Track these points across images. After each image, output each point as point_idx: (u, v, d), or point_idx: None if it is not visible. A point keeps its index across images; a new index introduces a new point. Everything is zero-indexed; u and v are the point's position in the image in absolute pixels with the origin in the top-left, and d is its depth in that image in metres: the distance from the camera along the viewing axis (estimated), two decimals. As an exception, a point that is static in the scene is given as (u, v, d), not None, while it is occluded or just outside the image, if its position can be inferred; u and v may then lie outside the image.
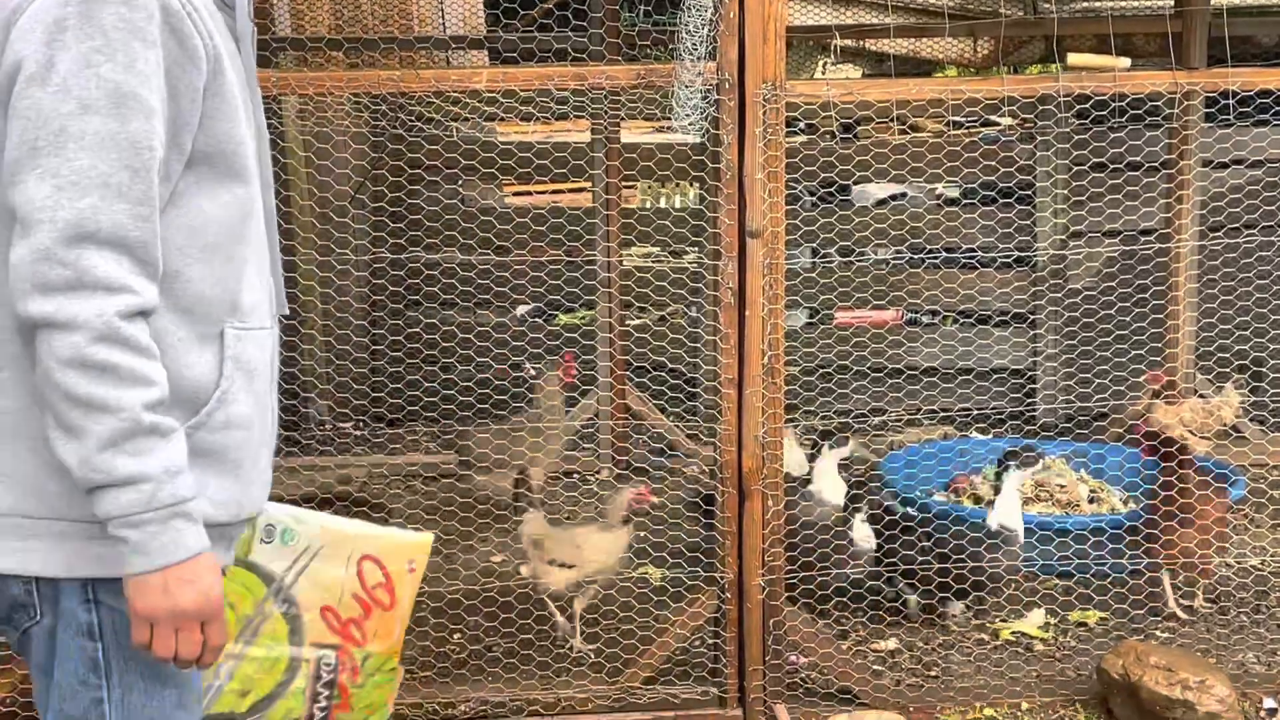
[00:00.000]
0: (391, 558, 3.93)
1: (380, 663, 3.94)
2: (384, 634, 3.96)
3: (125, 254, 2.31)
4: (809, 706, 4.71)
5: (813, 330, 8.13)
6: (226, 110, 2.47)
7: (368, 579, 3.90)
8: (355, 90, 4.61)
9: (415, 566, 3.96)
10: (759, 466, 4.54)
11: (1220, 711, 4.45)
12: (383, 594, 3.92)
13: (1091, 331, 7.57)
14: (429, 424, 7.26)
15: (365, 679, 3.95)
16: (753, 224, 4.42)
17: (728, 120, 4.39)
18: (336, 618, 3.90)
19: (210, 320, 2.50)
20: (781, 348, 4.51)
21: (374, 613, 3.92)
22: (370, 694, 3.99)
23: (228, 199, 2.50)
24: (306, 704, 3.98)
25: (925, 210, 8.28)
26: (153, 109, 2.34)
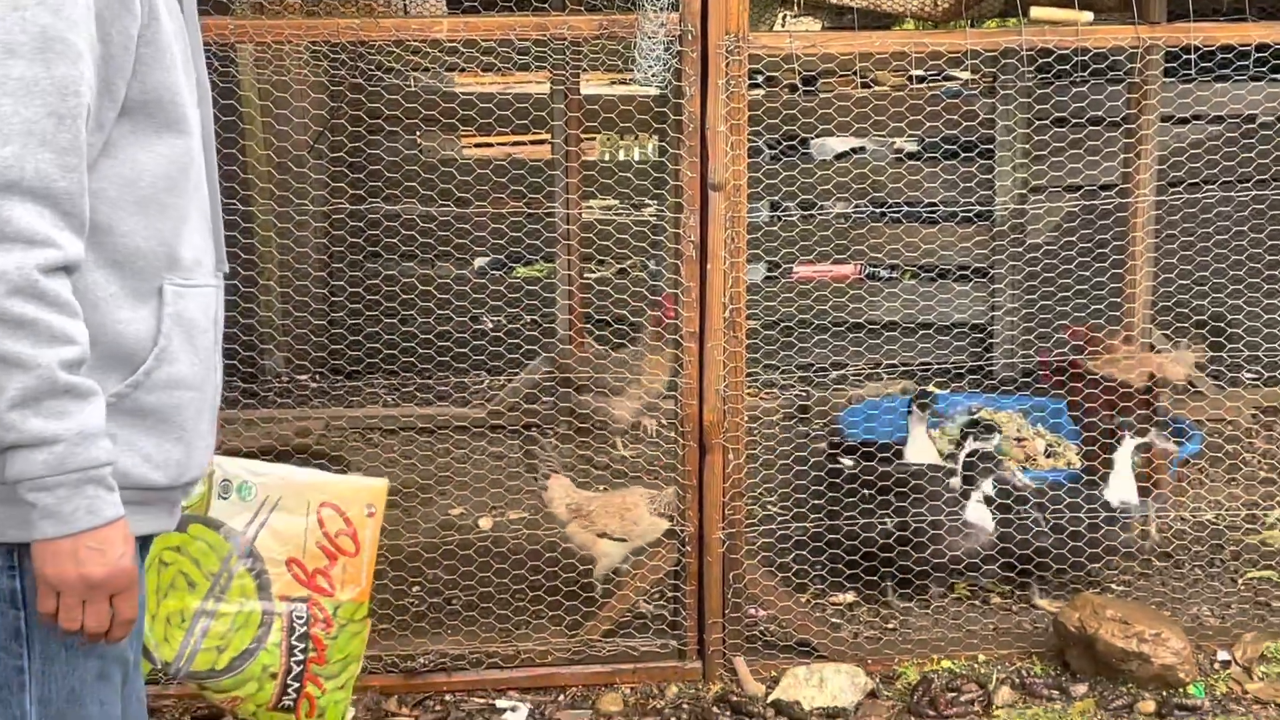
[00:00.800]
0: (350, 503, 3.93)
1: (352, 611, 3.94)
2: (353, 581, 3.95)
3: (49, 205, 2.23)
4: (768, 659, 4.72)
5: (772, 284, 8.13)
6: (162, 59, 2.39)
7: (329, 526, 3.89)
8: (313, 39, 4.54)
9: (374, 510, 3.95)
10: (720, 420, 4.53)
11: (1175, 664, 4.49)
12: (346, 541, 3.91)
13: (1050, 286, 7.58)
14: (387, 376, 7.22)
15: (339, 630, 3.94)
16: (715, 176, 4.40)
17: (690, 72, 4.36)
18: (303, 569, 3.90)
19: (146, 275, 2.42)
20: (743, 301, 4.50)
21: (339, 560, 3.91)
22: (345, 645, 3.98)
23: (164, 150, 2.42)
24: (283, 657, 3.97)
25: (885, 164, 8.27)
26: (81, 54, 2.25)
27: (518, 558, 5.20)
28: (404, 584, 5.20)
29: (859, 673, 4.61)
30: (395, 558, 5.22)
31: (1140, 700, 4.47)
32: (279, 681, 3.94)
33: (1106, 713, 4.44)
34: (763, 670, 4.69)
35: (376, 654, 4.66)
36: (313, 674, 3.97)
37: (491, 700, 4.61)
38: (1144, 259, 6.68)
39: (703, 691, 4.63)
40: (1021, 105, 7.67)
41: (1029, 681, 4.61)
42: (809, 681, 4.57)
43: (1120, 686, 4.54)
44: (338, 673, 3.98)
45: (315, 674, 3.98)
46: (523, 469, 5.54)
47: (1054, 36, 4.59)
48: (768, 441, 6.55)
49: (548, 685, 4.67)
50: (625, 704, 4.58)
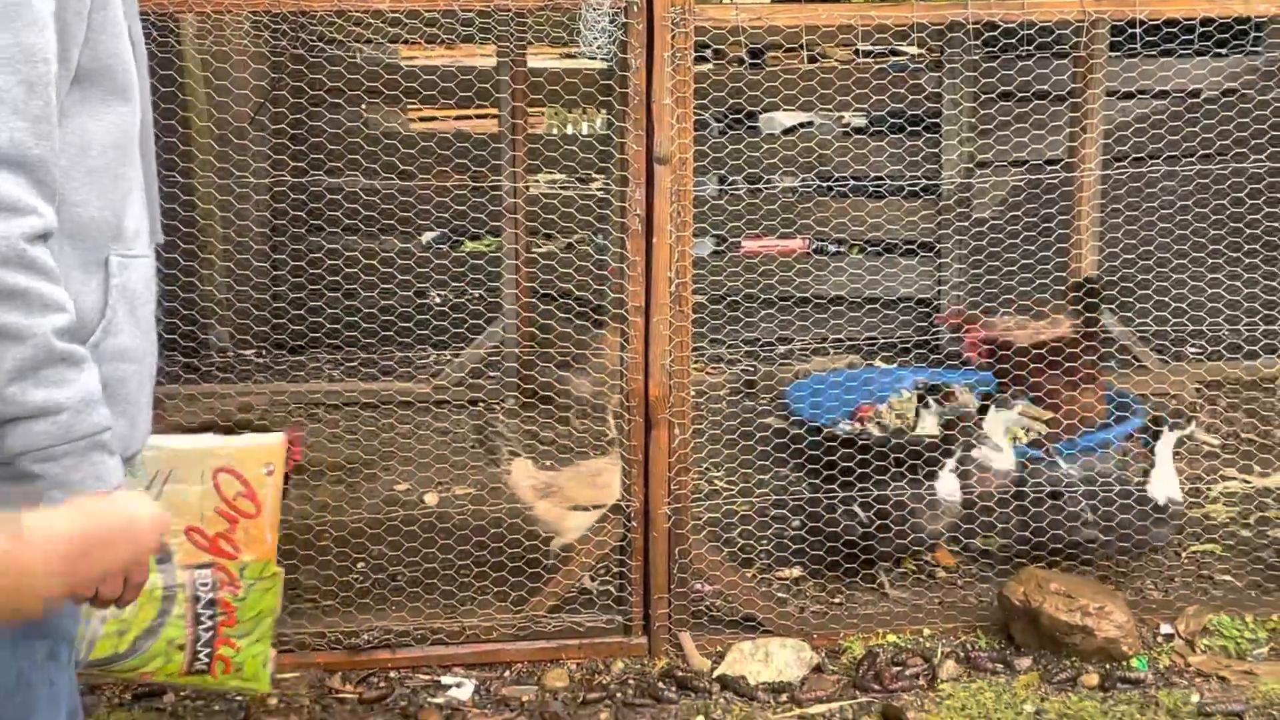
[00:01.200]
0: (246, 465, 3.90)
1: (259, 569, 3.92)
2: (256, 541, 3.93)
3: (25, 173, 2.18)
4: (714, 634, 4.72)
5: (719, 259, 8.11)
6: (112, 25, 2.35)
7: (226, 491, 3.86)
8: (254, 9, 4.48)
9: (273, 469, 3.92)
10: (665, 395, 4.51)
11: (1118, 637, 4.51)
12: (245, 503, 3.88)
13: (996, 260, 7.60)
14: (332, 351, 7.17)
15: (247, 590, 3.93)
16: (661, 150, 4.38)
17: (636, 44, 4.33)
18: (203, 535, 3.87)
19: (96, 246, 2.38)
20: (689, 275, 4.48)
21: (240, 523, 3.89)
22: (256, 602, 3.97)
23: (112, 119, 2.38)
24: (189, 627, 3.94)
25: (832, 139, 8.26)
26: (46, 21, 2.21)
27: (463, 534, 5.17)
28: (348, 560, 5.16)
29: (804, 647, 4.62)
30: (339, 534, 5.18)
31: (1084, 673, 4.49)
32: (188, 651, 3.92)
33: (1050, 686, 4.45)
34: (708, 645, 4.68)
35: (320, 630, 4.63)
36: (224, 637, 3.96)
37: (436, 677, 4.59)
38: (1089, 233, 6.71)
39: (648, 667, 4.62)
40: (968, 79, 7.67)
41: (974, 655, 4.63)
42: (754, 656, 4.57)
43: (1064, 660, 4.56)
44: (251, 629, 3.98)
45: (227, 636, 3.96)
46: (483, 452, 5.50)
47: (1000, 10, 4.58)
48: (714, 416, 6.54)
49: (493, 661, 4.64)
50: (571, 679, 4.56)
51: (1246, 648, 4.66)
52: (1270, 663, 4.59)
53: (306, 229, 7.76)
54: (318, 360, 7.26)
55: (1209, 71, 7.75)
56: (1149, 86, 7.60)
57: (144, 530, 2.19)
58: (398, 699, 4.47)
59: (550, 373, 6.82)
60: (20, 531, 1.89)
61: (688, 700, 4.43)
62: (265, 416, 6.57)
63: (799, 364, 7.50)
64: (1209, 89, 7.81)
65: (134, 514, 2.17)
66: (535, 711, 4.39)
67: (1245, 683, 4.46)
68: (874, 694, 4.44)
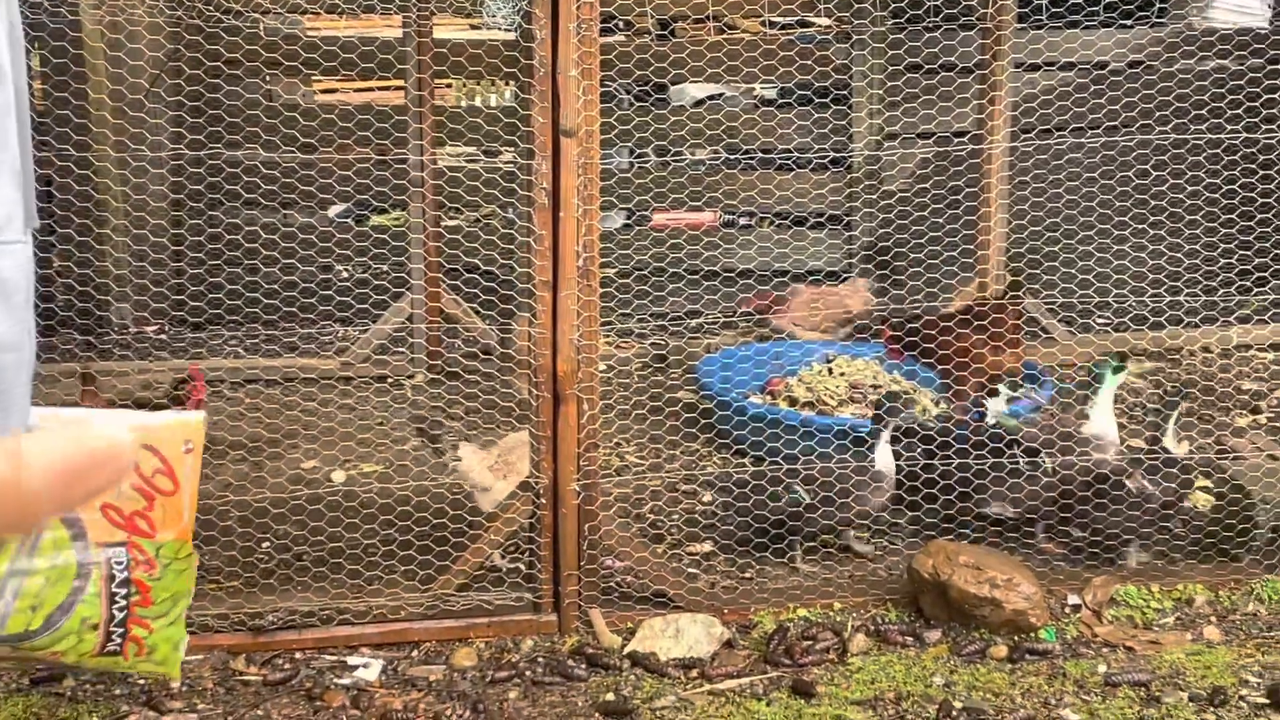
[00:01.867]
0: (165, 442, 3.83)
1: (175, 550, 3.86)
2: (173, 520, 3.87)
3: None
4: (624, 610, 4.69)
5: (629, 232, 8.06)
6: None
7: (144, 467, 3.79)
8: (149, -22, 4.38)
9: (192, 446, 3.86)
10: (574, 370, 4.47)
11: (1026, 608, 4.52)
12: (163, 480, 3.81)
13: (905, 233, 7.61)
14: (236, 327, 7.05)
15: (163, 570, 3.87)
16: (567, 122, 4.32)
17: (540, 15, 4.26)
18: (119, 513, 3.80)
19: None
20: (597, 249, 4.43)
21: (157, 501, 3.82)
22: (172, 583, 3.91)
23: None
24: (104, 606, 3.86)
25: (742, 110, 8.23)
26: None
27: (370, 511, 5.10)
28: (252, 540, 5.07)
29: (715, 623, 4.59)
30: (243, 514, 5.09)
31: (993, 645, 4.50)
32: (101, 631, 3.85)
33: (959, 658, 4.46)
34: (619, 622, 4.65)
35: (224, 612, 4.55)
36: (138, 617, 3.89)
37: (343, 657, 4.52)
38: (998, 205, 6.73)
39: (559, 644, 4.58)
40: (877, 51, 7.67)
41: (884, 628, 4.62)
42: (665, 632, 4.54)
43: (973, 632, 4.56)
44: (166, 611, 3.91)
45: (141, 616, 3.89)
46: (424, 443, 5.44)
47: (907, -19, 4.56)
48: (624, 391, 6.50)
49: (400, 641, 4.58)
50: (480, 658, 4.51)
51: (1152, 618, 4.70)
52: (1175, 632, 4.62)
53: (208, 203, 7.63)
54: (221, 336, 7.14)
55: (1115, 44, 7.80)
56: (1056, 59, 7.65)
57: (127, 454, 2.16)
58: (303, 680, 4.39)
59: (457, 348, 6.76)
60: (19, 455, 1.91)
61: (598, 677, 4.39)
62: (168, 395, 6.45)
63: (709, 338, 7.48)
64: (1115, 61, 7.87)
65: (118, 439, 2.14)
66: (443, 691, 4.33)
67: (1151, 652, 4.49)
68: (784, 668, 4.43)
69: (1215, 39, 7.91)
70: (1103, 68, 7.82)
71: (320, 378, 6.65)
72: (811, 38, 8.35)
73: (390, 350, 6.96)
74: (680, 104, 8.85)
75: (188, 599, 3.95)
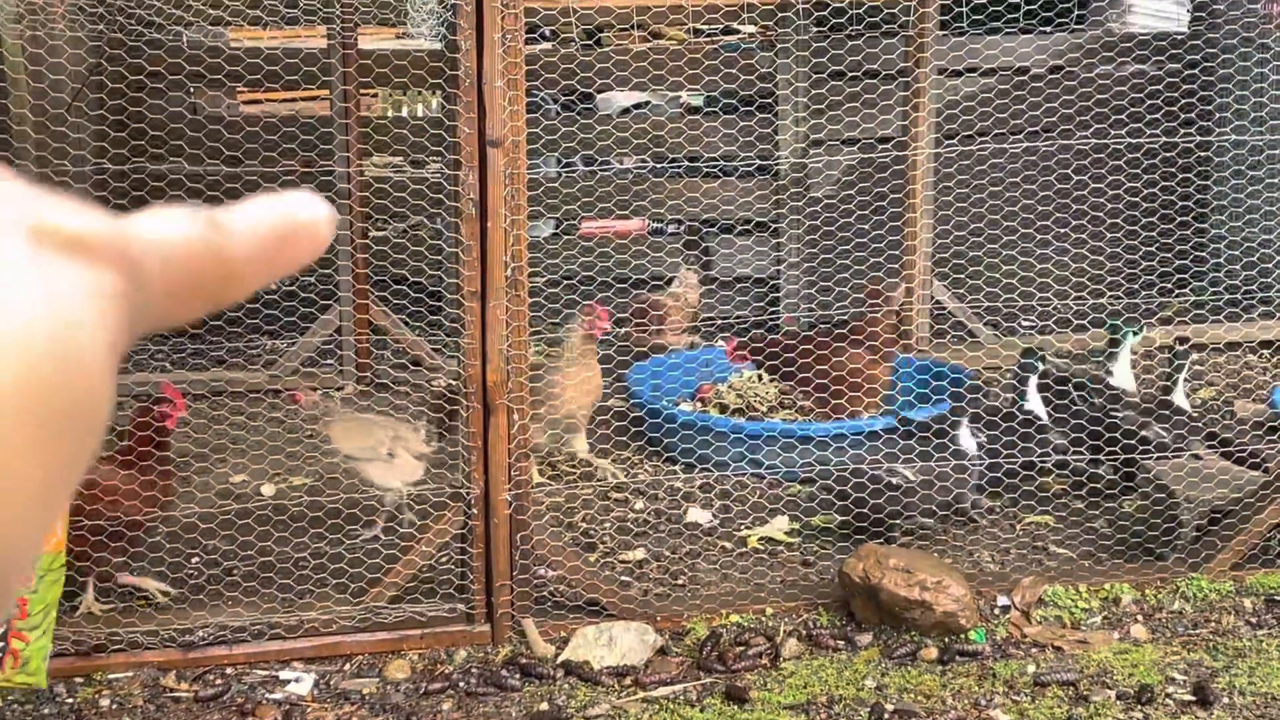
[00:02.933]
0: None
1: (49, 561, 3.87)
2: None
3: None
4: (557, 620, 4.69)
5: (558, 241, 8.07)
6: None
7: None
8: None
9: None
10: (503, 380, 4.47)
11: (956, 610, 4.56)
12: None
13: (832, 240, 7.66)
14: (161, 341, 7.00)
15: (37, 582, 3.88)
16: (493, 133, 4.32)
17: (465, 26, 4.27)
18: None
19: None
20: (525, 259, 4.44)
21: None
22: (45, 594, 3.93)
23: None
24: None
25: (669, 119, 8.26)
26: None
27: (300, 525, 5.07)
28: (181, 555, 5.04)
29: (648, 630, 4.60)
30: (171, 529, 5.05)
31: (923, 648, 4.53)
32: None
33: (890, 661, 4.49)
34: (553, 631, 4.65)
35: (153, 628, 4.52)
36: (16, 630, 3.89)
37: (275, 672, 4.49)
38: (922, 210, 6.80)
39: (492, 655, 4.58)
40: (801, 59, 7.71)
41: (815, 633, 4.65)
42: (598, 641, 4.55)
43: (904, 635, 4.60)
44: (40, 622, 3.92)
45: (19, 629, 3.89)
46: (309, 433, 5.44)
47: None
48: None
49: (333, 654, 4.57)
50: (413, 670, 4.50)
51: (1080, 617, 4.75)
52: (1103, 631, 4.68)
53: (133, 217, 7.56)
54: (147, 350, 7.08)
55: (1035, 49, 7.88)
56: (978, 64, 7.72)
57: (325, 224, 2.16)
58: (234, 696, 4.37)
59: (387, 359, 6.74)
60: (221, 222, 1.89)
61: (531, 687, 4.39)
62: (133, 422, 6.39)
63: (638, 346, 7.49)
64: (1036, 66, 7.95)
65: (318, 209, 2.14)
66: (376, 704, 4.32)
67: (1079, 651, 4.54)
68: (717, 674, 4.45)
69: (1134, 44, 8.01)
70: (1024, 73, 7.91)
71: (248, 391, 6.60)
72: (737, 46, 8.39)
73: (319, 363, 6.93)
74: (607, 113, 8.86)
75: (55, 608, 3.97)
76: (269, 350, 7.17)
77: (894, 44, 7.51)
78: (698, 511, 5.42)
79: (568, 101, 8.57)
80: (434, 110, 9.23)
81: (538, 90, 7.94)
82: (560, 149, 7.99)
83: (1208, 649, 4.54)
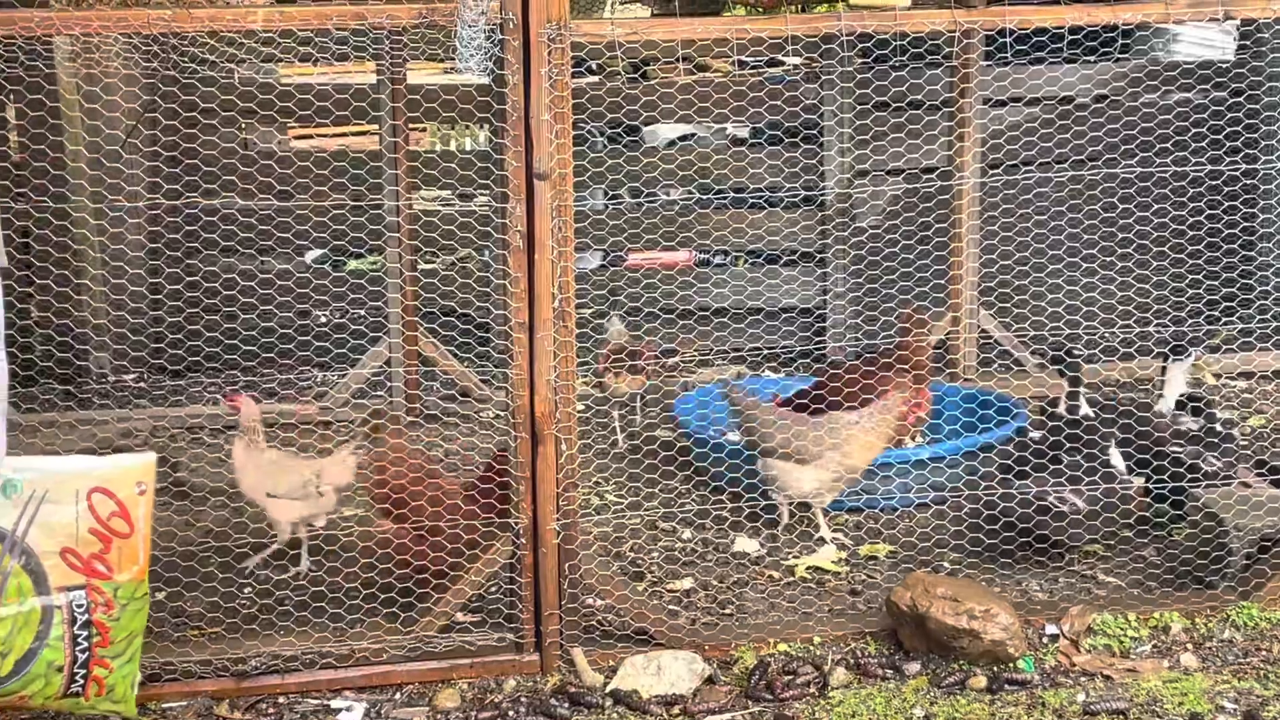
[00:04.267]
0: (119, 484, 3.90)
1: (133, 589, 3.93)
2: (129, 561, 3.94)
3: None
4: (606, 649, 4.71)
5: (605, 272, 8.12)
6: None
7: (100, 511, 3.86)
8: (125, 30, 4.42)
9: (145, 488, 3.94)
10: (551, 410, 4.50)
11: (1004, 639, 4.56)
12: (119, 523, 3.88)
13: (878, 269, 7.68)
14: (213, 374, 7.08)
15: (120, 610, 3.94)
16: (540, 166, 4.37)
17: (513, 61, 4.32)
18: (78, 557, 3.86)
19: None
20: (572, 290, 4.48)
21: (114, 543, 3.89)
22: (129, 623, 3.98)
23: None
24: (68, 649, 3.92)
25: (715, 150, 8.30)
26: None
27: (351, 555, 5.12)
28: (234, 585, 5.09)
29: (696, 659, 4.62)
30: (224, 559, 5.12)
31: (972, 676, 4.53)
32: (66, 673, 3.92)
33: (939, 689, 4.49)
34: (601, 660, 4.67)
35: (207, 658, 4.56)
36: (99, 658, 3.95)
37: (326, 701, 4.54)
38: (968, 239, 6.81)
39: (541, 684, 4.60)
40: (846, 90, 7.74)
41: (863, 661, 4.66)
42: (646, 669, 4.57)
43: (952, 663, 4.60)
44: (124, 650, 3.97)
45: (101, 657, 3.95)
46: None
47: (873, 22, 4.62)
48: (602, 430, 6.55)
49: (383, 684, 4.60)
50: (462, 699, 4.54)
51: (1129, 646, 4.74)
52: (1153, 660, 4.67)
53: (186, 251, 7.66)
54: (200, 384, 7.16)
55: (1080, 79, 7.89)
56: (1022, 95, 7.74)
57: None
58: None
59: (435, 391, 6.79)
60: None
61: (580, 716, 4.42)
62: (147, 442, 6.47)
63: (686, 376, 7.53)
64: (1081, 96, 7.96)
65: None
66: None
67: (1129, 680, 4.53)
68: (766, 703, 4.46)
69: (1179, 73, 8.01)
70: (1069, 103, 7.92)
71: (299, 423, 6.67)
72: (782, 78, 8.43)
73: (369, 394, 6.99)
74: (653, 145, 8.92)
75: (141, 636, 4.02)
76: (320, 382, 7.24)
77: (938, 74, 7.54)
78: (745, 540, 5.43)
79: (614, 134, 8.64)
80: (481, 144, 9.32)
81: (584, 123, 8.00)
82: (607, 181, 8.05)
83: (1258, 677, 4.52)
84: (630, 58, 8.63)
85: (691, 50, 7.79)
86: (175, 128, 7.21)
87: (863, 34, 4.70)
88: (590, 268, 8.15)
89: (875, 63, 7.74)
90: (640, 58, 8.71)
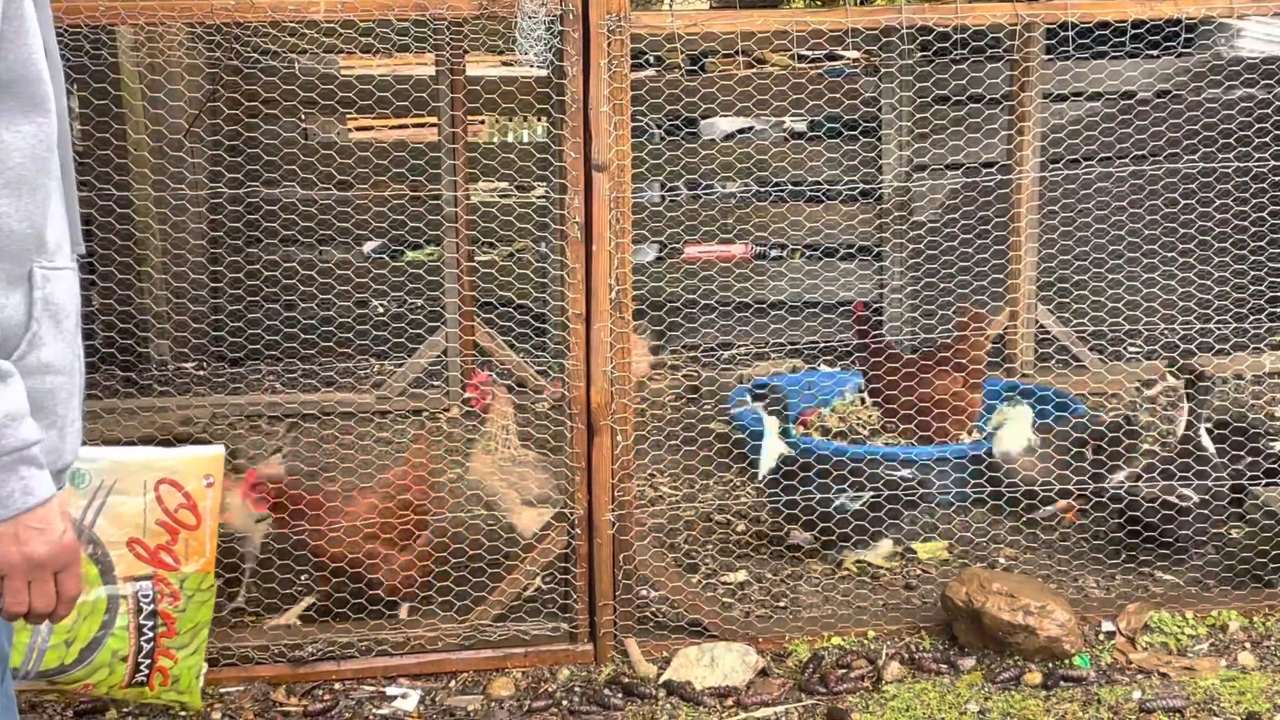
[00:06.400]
0: (187, 476, 3.93)
1: (198, 581, 3.96)
2: (196, 552, 3.97)
3: None
4: (659, 640, 4.72)
5: (661, 265, 8.12)
6: (25, 35, 2.31)
7: (168, 502, 3.89)
8: (188, 20, 4.46)
9: (213, 480, 3.97)
10: (607, 401, 4.52)
11: (1060, 635, 4.54)
12: (186, 514, 3.91)
13: (936, 264, 7.65)
14: (272, 363, 7.13)
15: (186, 601, 3.97)
16: (599, 157, 4.38)
17: (572, 52, 4.33)
18: (145, 548, 3.90)
19: (19, 259, 2.34)
20: (629, 282, 4.49)
21: (181, 535, 3.92)
22: (195, 614, 4.01)
23: (29, 129, 2.35)
24: (132, 639, 3.96)
25: (773, 144, 8.29)
26: None
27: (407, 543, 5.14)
28: (291, 573, 5.13)
29: (750, 651, 4.62)
30: (281, 546, 5.15)
31: (1027, 672, 4.52)
32: (130, 662, 3.95)
33: (994, 685, 4.48)
34: (654, 651, 4.68)
35: (264, 644, 4.61)
36: (164, 648, 3.98)
37: (381, 688, 4.57)
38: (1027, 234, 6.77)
39: (594, 674, 4.62)
40: (905, 83, 7.72)
41: (918, 656, 4.65)
42: (700, 661, 4.58)
43: (1007, 659, 4.59)
44: (189, 641, 4.01)
45: (166, 647, 3.99)
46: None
47: (933, 15, 4.61)
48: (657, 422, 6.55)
49: (438, 671, 4.63)
50: (516, 688, 4.56)
51: (1186, 644, 4.71)
52: (1210, 658, 4.64)
53: (246, 241, 7.73)
54: (259, 372, 7.22)
55: (1142, 73, 7.83)
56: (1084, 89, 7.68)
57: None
58: (342, 711, 4.45)
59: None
60: None
61: (634, 706, 4.43)
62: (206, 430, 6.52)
63: (742, 369, 7.53)
64: (1143, 90, 7.90)
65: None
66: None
67: (1185, 678, 4.50)
68: (819, 696, 4.46)
69: (1243, 68, 7.93)
70: (1130, 97, 7.86)
71: (357, 411, 6.71)
72: (840, 71, 8.41)
73: (426, 384, 7.02)
74: (711, 138, 8.92)
75: (208, 628, 4.05)
76: (377, 371, 7.28)
77: (999, 68, 7.50)
78: (799, 534, 5.43)
79: (672, 127, 8.64)
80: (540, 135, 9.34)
81: (642, 115, 8.01)
82: (664, 174, 8.05)
83: (1317, 678, 4.48)
84: (689, 50, 8.63)
85: (750, 43, 7.77)
86: (236, 117, 7.26)
87: (922, 27, 4.67)
88: (646, 260, 8.16)
89: (935, 56, 7.70)
90: (699, 50, 8.71)
